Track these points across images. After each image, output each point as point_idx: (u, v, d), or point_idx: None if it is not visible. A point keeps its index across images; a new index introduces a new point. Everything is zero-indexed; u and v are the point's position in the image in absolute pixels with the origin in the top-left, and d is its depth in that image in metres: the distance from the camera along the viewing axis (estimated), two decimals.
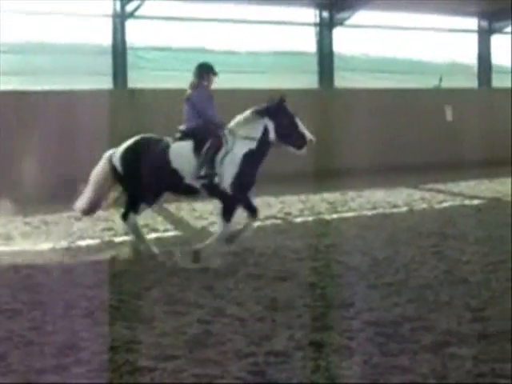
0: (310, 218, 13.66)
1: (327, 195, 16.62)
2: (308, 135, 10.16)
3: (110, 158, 10.53)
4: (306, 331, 6.74)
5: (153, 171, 10.17)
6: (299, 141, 10.21)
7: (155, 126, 14.31)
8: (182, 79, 13.13)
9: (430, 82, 24.95)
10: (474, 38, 26.88)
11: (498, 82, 27.17)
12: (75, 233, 12.06)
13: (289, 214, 14.03)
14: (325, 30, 22.71)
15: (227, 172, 10.02)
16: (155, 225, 12.62)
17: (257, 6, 21.92)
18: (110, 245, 11.05)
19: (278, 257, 10.10)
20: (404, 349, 6.16)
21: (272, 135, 10.18)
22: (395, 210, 14.48)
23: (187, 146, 10.22)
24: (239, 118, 10.36)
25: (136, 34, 19.94)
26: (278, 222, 13.26)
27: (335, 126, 21.22)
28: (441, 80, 24.66)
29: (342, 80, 22.98)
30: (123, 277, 9.07)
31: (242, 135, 10.19)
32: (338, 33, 22.77)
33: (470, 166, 21.97)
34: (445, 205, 15.31)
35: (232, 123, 10.34)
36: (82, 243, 11.28)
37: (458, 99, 24.64)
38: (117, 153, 10.47)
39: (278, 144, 10.30)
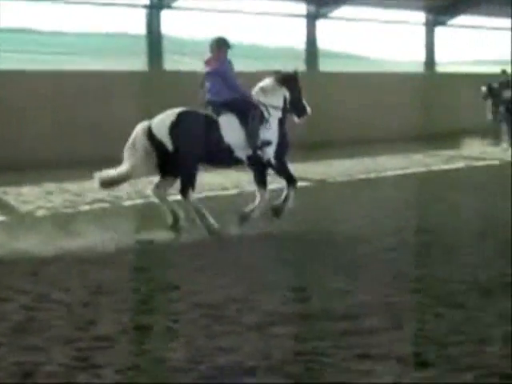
0: (139, 201, 13.57)
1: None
2: (308, 108, 10.99)
3: (149, 131, 10.08)
4: (131, 315, 6.72)
5: (205, 146, 10.04)
6: (303, 111, 11.01)
7: None
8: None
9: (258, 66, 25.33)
10: (303, 23, 27.45)
11: (324, 66, 28.00)
12: None
13: (118, 197, 13.93)
14: (154, 12, 22.61)
15: (265, 141, 10.38)
16: None
17: None
18: None
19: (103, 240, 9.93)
20: (228, 330, 6.25)
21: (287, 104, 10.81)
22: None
23: (233, 119, 10.29)
24: (260, 87, 10.73)
25: None
26: (106, 205, 13.15)
27: (165, 108, 21.11)
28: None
29: (172, 62, 22.95)
30: None
31: (269, 104, 10.60)
32: (166, 15, 22.72)
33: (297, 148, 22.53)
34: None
35: (254, 93, 10.64)
36: None
37: None
38: (160, 126, 10.05)
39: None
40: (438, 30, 32.62)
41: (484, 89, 24.62)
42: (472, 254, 8.94)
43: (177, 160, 10.00)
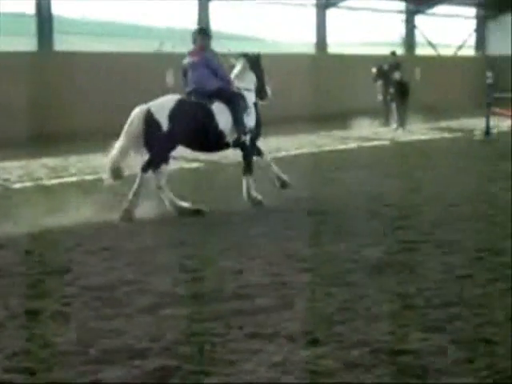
0: (29, 184, 13.36)
1: (48, 160, 16.34)
2: (269, 90, 11.58)
3: (147, 112, 10.38)
4: (20, 299, 6.63)
5: (200, 131, 10.61)
6: (265, 93, 11.56)
7: None
8: None
9: (151, 47, 25.19)
10: (195, 4, 27.35)
11: (218, 47, 27.96)
12: None
13: (7, 180, 13.67)
14: None
15: (248, 125, 11.00)
16: None
17: None
18: None
19: None
20: (119, 312, 6.23)
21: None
22: None
23: (223, 107, 10.81)
24: (236, 73, 11.35)
25: None
26: None
27: (55, 90, 20.80)
28: (161, 44, 24.93)
29: (62, 43, 22.57)
30: None
31: (245, 89, 11.21)
32: None
33: None
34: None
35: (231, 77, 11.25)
36: None
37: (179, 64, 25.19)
38: (160, 109, 10.43)
39: None
40: (330, 12, 32.96)
41: (374, 70, 25.04)
42: (361, 234, 9.12)
43: (167, 140, 10.41)
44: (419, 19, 38.11)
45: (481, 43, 42.67)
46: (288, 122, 25.00)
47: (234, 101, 10.89)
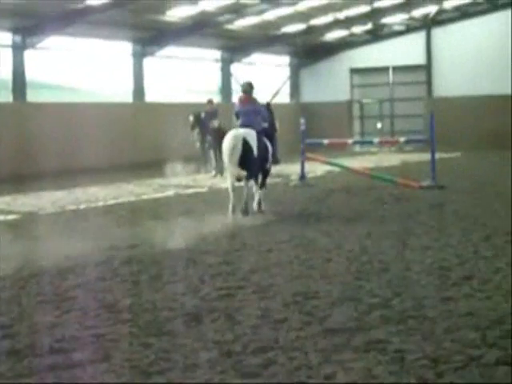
0: None
1: None
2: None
3: (245, 141, 14.45)
4: None
5: (264, 157, 15.07)
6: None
7: None
8: None
9: None
10: (9, 52, 26.91)
11: (33, 96, 27.65)
12: None
13: None
14: None
15: None
16: None
17: None
18: None
19: None
20: None
21: None
22: None
23: (267, 141, 15.22)
24: None
25: None
26: None
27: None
28: None
29: None
30: None
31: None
32: None
33: (5, 180, 22.22)
34: None
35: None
36: None
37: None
38: (250, 135, 14.56)
39: None
40: (147, 61, 33.16)
41: (191, 118, 25.31)
42: (179, 281, 9.13)
43: (255, 159, 14.62)
44: (235, 67, 38.94)
45: (295, 91, 44.03)
46: (107, 171, 24.85)
47: (274, 138, 15.68)
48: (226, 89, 38.79)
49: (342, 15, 36.77)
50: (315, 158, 22.47)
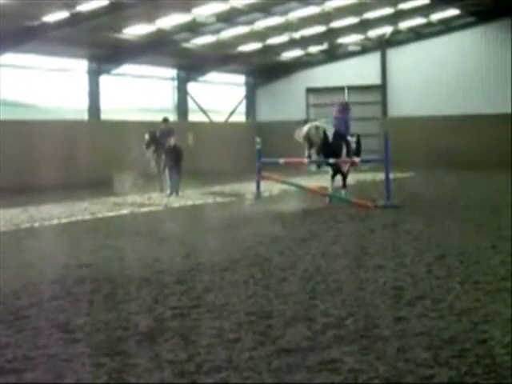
0: None
1: None
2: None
3: (319, 127, 20.07)
4: None
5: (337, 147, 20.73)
6: None
7: None
8: None
9: None
10: None
11: None
12: None
13: None
14: None
15: None
16: None
17: None
18: None
19: None
20: None
21: None
22: None
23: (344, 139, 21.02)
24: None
25: None
26: None
27: None
28: None
29: None
30: None
31: None
32: None
33: None
34: None
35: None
36: None
37: None
38: (329, 131, 20.05)
39: None
40: (102, 78, 33.08)
41: (147, 136, 25.26)
42: (133, 301, 9.08)
43: (332, 147, 20.27)
44: (191, 86, 38.97)
45: (251, 110, 44.16)
46: (63, 189, 24.67)
47: (347, 139, 20.91)
48: (181, 107, 38.79)
49: (297, 35, 37.05)
50: (271, 177, 22.53)
